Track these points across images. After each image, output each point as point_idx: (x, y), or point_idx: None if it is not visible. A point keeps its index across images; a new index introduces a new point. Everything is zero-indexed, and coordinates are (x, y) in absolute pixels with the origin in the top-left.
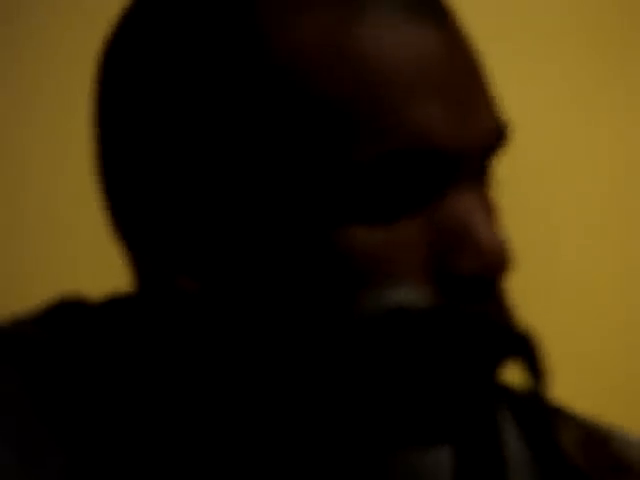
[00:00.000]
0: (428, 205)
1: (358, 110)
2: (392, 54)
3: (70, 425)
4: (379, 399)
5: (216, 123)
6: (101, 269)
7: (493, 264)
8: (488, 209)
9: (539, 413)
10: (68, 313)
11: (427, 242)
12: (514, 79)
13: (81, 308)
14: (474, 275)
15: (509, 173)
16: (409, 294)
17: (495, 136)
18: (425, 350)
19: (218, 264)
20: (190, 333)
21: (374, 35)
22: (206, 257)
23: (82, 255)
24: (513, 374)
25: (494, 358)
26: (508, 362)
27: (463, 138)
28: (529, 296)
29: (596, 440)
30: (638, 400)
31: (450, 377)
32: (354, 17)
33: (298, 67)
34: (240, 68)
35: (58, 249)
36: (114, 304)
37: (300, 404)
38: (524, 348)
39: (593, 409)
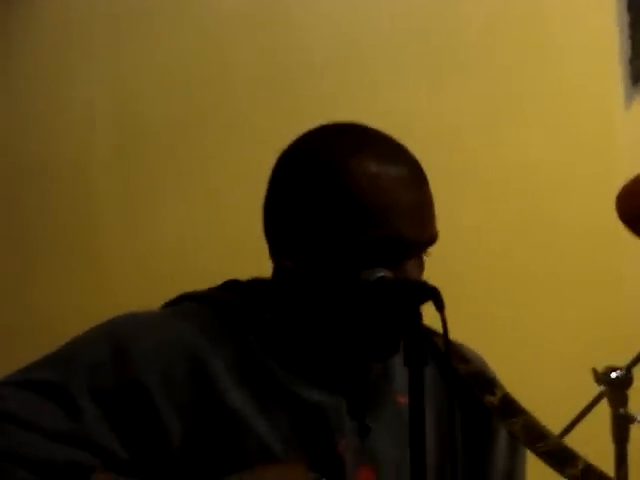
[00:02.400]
0: (399, 262)
1: (369, 215)
2: (396, 197)
3: (236, 331)
4: (369, 323)
5: (308, 201)
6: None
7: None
8: (421, 268)
9: (444, 340)
10: (231, 285)
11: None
12: None
13: (238, 282)
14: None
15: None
16: (383, 272)
17: (432, 240)
18: (391, 297)
19: (299, 256)
20: (290, 286)
21: (390, 183)
22: (295, 252)
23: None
24: None
25: (422, 297)
26: (427, 300)
27: (417, 236)
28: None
29: (455, 347)
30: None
31: (402, 309)
32: (383, 171)
33: (352, 191)
34: (325, 181)
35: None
36: (258, 279)
37: (334, 324)
38: (435, 292)
39: None
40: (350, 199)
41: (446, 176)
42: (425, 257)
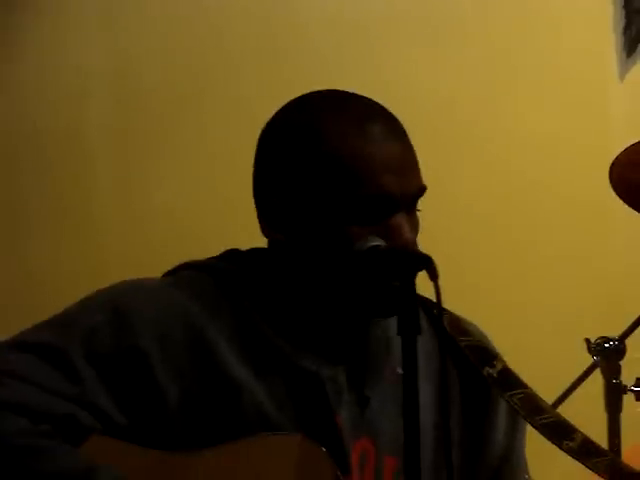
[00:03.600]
0: (385, 219)
1: (358, 174)
2: (376, 153)
3: (235, 300)
4: (363, 292)
5: (294, 170)
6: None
7: (406, 244)
8: (411, 224)
9: (437, 308)
10: (231, 254)
11: (382, 234)
12: None
13: (237, 251)
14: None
15: None
16: (377, 241)
17: (418, 192)
18: (385, 264)
19: (291, 228)
20: (285, 257)
21: (369, 143)
22: (287, 224)
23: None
24: None
25: (416, 265)
26: (420, 269)
27: (403, 191)
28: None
29: (456, 321)
30: None
31: (396, 276)
32: (359, 130)
33: (332, 152)
34: (307, 147)
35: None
36: (257, 249)
37: (328, 292)
38: (429, 261)
39: None
40: (332, 161)
41: (441, 144)
42: (418, 212)
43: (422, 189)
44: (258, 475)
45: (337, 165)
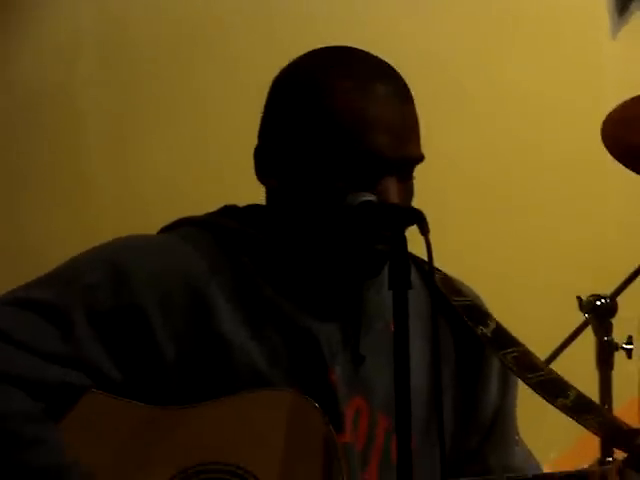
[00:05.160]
0: (375, 181)
1: (350, 130)
2: (374, 112)
3: (233, 256)
4: (354, 246)
5: (294, 119)
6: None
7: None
8: (403, 191)
9: (428, 263)
10: (229, 210)
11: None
12: None
13: (235, 207)
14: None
15: None
16: (369, 197)
17: (413, 159)
18: (375, 221)
19: (284, 174)
20: (278, 207)
21: (365, 100)
22: (279, 170)
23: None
24: None
25: (406, 219)
26: (411, 223)
27: (396, 154)
28: None
29: (449, 281)
30: None
31: (388, 229)
32: (359, 88)
33: (331, 109)
34: (308, 99)
35: None
36: (255, 205)
37: (320, 246)
38: (420, 216)
39: None
40: (329, 115)
41: (431, 103)
42: (413, 181)
43: (419, 158)
44: (251, 429)
45: (334, 119)
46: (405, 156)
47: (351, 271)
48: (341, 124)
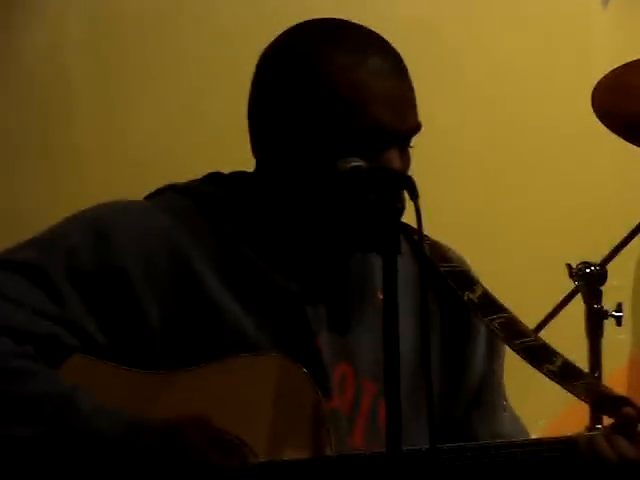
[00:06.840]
0: (378, 154)
1: (353, 105)
2: (374, 86)
3: (217, 223)
4: (344, 212)
5: (290, 98)
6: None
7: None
8: (403, 160)
9: (418, 230)
10: (213, 177)
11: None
12: None
13: (220, 175)
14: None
15: None
16: (359, 162)
17: (413, 129)
18: (365, 185)
19: (279, 151)
20: (270, 179)
21: (367, 74)
22: (275, 148)
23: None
24: None
25: (396, 185)
26: (401, 188)
27: (398, 126)
28: None
29: (437, 247)
30: None
31: (379, 196)
32: (359, 62)
33: (330, 82)
34: (305, 75)
35: None
36: (240, 173)
37: (310, 213)
38: (409, 181)
39: None
40: (328, 90)
41: (420, 72)
42: (410, 149)
43: (417, 127)
44: (238, 393)
45: (333, 95)
46: (407, 128)
47: (340, 240)
48: (343, 98)
